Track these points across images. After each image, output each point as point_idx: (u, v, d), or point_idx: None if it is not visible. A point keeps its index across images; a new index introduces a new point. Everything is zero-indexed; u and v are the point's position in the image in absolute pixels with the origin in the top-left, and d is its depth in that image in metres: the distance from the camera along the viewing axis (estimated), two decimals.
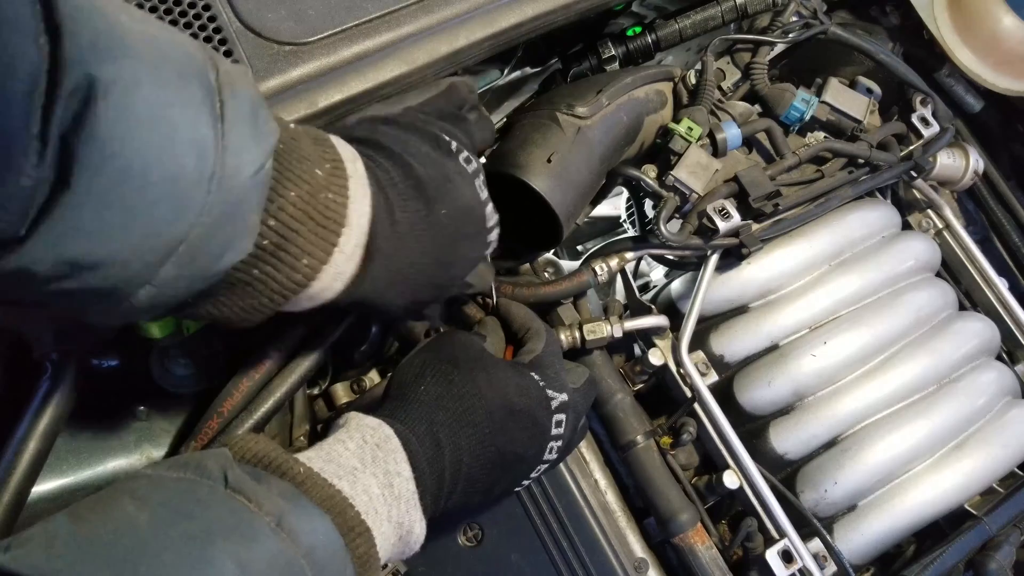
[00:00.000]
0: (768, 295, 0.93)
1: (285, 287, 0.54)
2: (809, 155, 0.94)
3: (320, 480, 0.53)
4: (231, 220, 0.49)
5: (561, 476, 0.79)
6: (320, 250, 0.54)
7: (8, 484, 0.65)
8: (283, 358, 0.74)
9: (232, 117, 0.47)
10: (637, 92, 0.87)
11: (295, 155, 0.54)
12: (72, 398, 0.69)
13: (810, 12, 1.02)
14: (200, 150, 0.45)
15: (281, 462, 0.52)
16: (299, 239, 0.53)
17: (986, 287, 1.05)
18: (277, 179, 0.52)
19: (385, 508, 0.56)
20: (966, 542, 0.89)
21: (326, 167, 0.55)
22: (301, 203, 0.53)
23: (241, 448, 0.53)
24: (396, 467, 0.58)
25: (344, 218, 0.55)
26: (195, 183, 0.46)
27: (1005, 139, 1.24)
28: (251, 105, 0.50)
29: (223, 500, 0.46)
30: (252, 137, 0.49)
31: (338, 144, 0.58)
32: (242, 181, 0.48)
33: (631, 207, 1.40)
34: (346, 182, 0.56)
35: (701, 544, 0.82)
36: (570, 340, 0.84)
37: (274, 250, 0.53)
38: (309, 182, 0.53)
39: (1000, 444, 0.90)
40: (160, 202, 0.44)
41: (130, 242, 0.44)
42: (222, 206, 0.47)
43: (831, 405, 0.89)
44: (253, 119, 0.50)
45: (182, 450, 0.72)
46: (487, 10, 0.77)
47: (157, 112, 0.43)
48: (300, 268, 0.54)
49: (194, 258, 0.48)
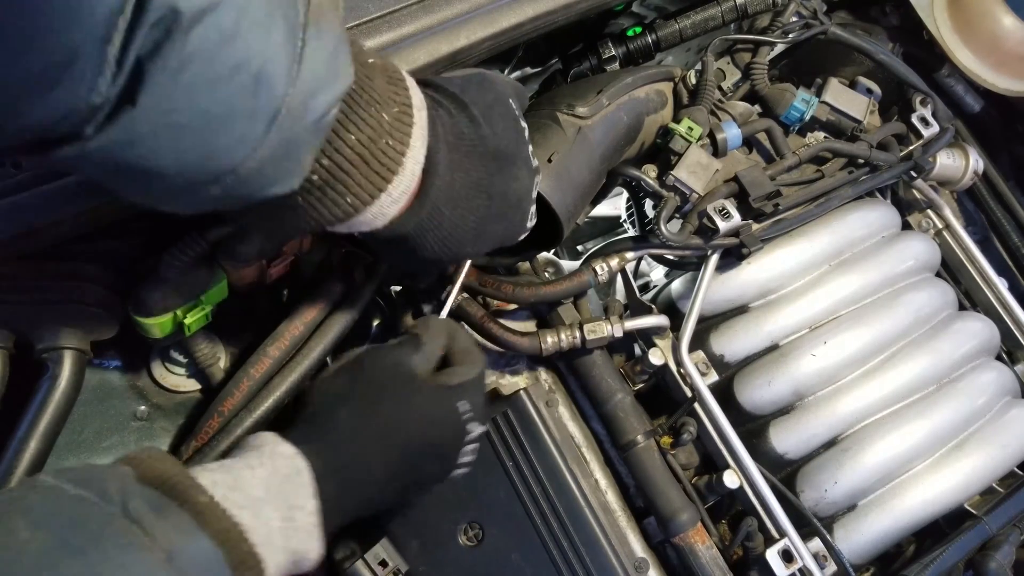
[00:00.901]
0: (768, 295, 0.93)
1: (324, 218, 0.56)
2: (809, 155, 0.94)
3: (219, 512, 0.52)
4: (286, 158, 0.49)
5: (561, 476, 0.79)
6: (367, 192, 0.55)
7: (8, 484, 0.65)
8: (283, 357, 0.74)
9: (310, 57, 0.47)
10: (637, 92, 0.87)
11: (366, 97, 0.54)
12: (72, 398, 0.69)
13: (810, 12, 1.02)
14: (269, 89, 0.45)
15: (184, 488, 0.51)
16: (347, 179, 0.54)
17: (986, 287, 1.05)
18: (340, 121, 0.52)
19: (282, 540, 0.56)
20: (966, 542, 0.89)
21: (394, 111, 0.56)
22: (359, 147, 0.54)
23: (147, 468, 0.52)
24: (301, 501, 0.58)
25: (399, 165, 0.56)
26: (257, 119, 0.46)
27: (1005, 139, 1.25)
28: (333, 45, 0.49)
29: (118, 532, 0.45)
30: (325, 80, 0.49)
31: (411, 88, 0.58)
32: (305, 124, 0.48)
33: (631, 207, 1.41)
34: (410, 129, 0.56)
35: (701, 544, 0.82)
36: (570, 340, 0.84)
37: (322, 185, 0.54)
38: (373, 127, 0.54)
39: (1000, 444, 0.90)
40: (218, 132, 0.45)
41: (182, 163, 0.45)
42: (279, 144, 0.47)
43: (831, 405, 0.89)
44: (331, 61, 0.49)
45: (182, 450, 0.72)
46: (488, 10, 0.77)
47: (235, 47, 0.43)
48: (342, 205, 0.55)
49: (242, 185, 0.48)
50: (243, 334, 0.82)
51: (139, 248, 0.72)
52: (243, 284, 0.73)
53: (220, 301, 0.72)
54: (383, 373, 0.66)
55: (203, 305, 0.70)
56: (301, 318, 0.75)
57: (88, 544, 0.44)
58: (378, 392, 0.65)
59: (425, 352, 0.69)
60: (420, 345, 0.69)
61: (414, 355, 0.68)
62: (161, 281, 0.67)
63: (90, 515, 0.46)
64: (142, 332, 0.70)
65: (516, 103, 0.68)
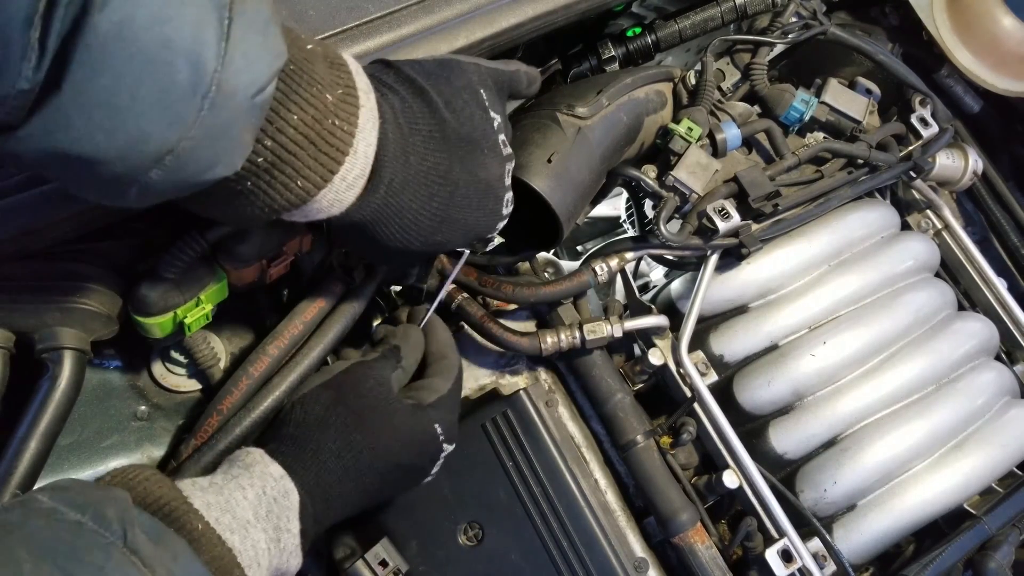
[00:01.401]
0: (768, 295, 0.93)
1: (277, 203, 0.55)
2: (809, 155, 0.94)
3: (214, 537, 0.55)
4: (223, 137, 0.48)
5: (561, 476, 0.79)
6: (317, 175, 0.55)
7: (8, 484, 0.65)
8: (282, 356, 0.74)
9: (238, 35, 0.46)
10: (637, 92, 0.87)
11: (306, 78, 0.53)
12: (72, 398, 0.69)
13: (809, 13, 1.02)
14: (197, 66, 0.45)
15: (180, 514, 0.54)
16: (296, 161, 0.53)
17: (985, 287, 1.05)
18: (280, 100, 0.52)
19: (267, 560, 0.58)
20: (965, 541, 0.89)
21: (337, 92, 0.55)
22: (304, 127, 0.53)
23: (144, 492, 0.54)
24: (287, 524, 0.61)
25: (349, 147, 0.55)
26: (188, 98, 0.45)
27: (1004, 139, 1.25)
28: (262, 23, 0.49)
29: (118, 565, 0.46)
30: (256, 58, 0.48)
31: (355, 72, 0.58)
32: (239, 101, 0.48)
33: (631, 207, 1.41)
34: (357, 111, 0.56)
35: (701, 543, 0.82)
36: (570, 340, 0.84)
37: (269, 168, 0.53)
38: (315, 107, 0.53)
39: (999, 444, 0.90)
40: (149, 112, 0.44)
41: (116, 145, 0.45)
42: (214, 123, 0.47)
43: (830, 405, 0.89)
44: (261, 38, 0.49)
45: (182, 448, 0.72)
46: (487, 10, 0.77)
47: (157, 24, 0.42)
48: (294, 189, 0.54)
49: (182, 167, 0.48)
50: (243, 334, 0.82)
51: (139, 248, 0.72)
52: (243, 284, 0.73)
53: (220, 301, 0.72)
54: (365, 395, 0.68)
55: (203, 305, 0.70)
56: (301, 318, 0.75)
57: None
58: (359, 416, 0.67)
59: (404, 367, 0.72)
60: (399, 360, 0.72)
61: (393, 372, 0.71)
62: (161, 281, 0.67)
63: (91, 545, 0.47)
64: (142, 332, 0.70)
65: (488, 91, 0.67)
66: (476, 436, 0.80)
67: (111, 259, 0.71)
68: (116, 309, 0.71)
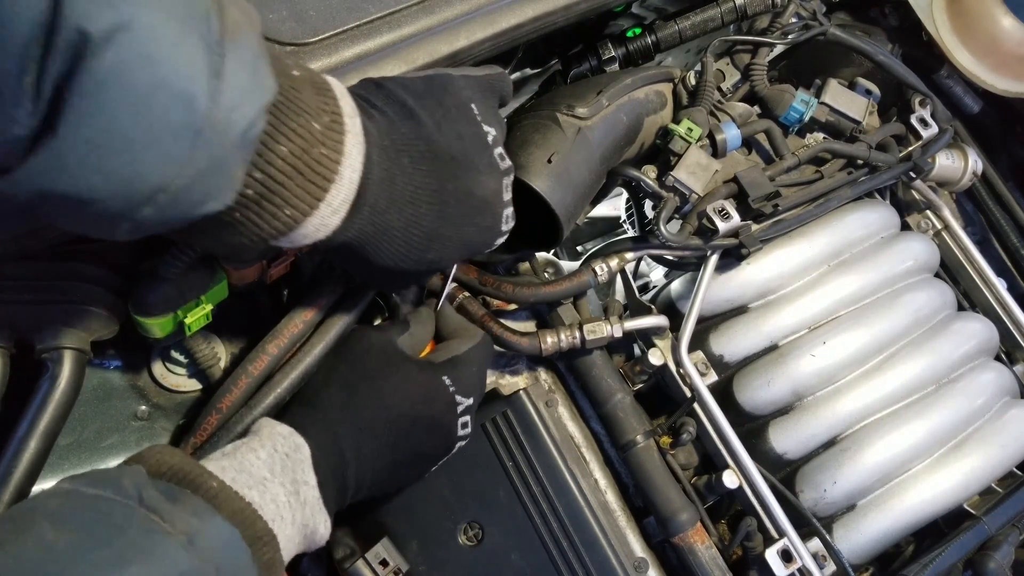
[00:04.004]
0: (767, 295, 0.93)
1: (264, 232, 0.55)
2: (808, 156, 0.95)
3: (231, 493, 0.55)
4: (215, 173, 0.49)
5: (561, 476, 0.79)
6: (304, 203, 0.55)
7: (9, 483, 0.65)
8: (282, 355, 0.74)
9: (229, 73, 0.47)
10: (637, 93, 0.87)
11: (293, 108, 0.53)
12: (72, 398, 0.69)
13: (809, 13, 1.03)
14: (189, 106, 0.45)
15: (195, 476, 0.54)
16: (284, 192, 0.53)
17: (984, 287, 1.06)
18: (270, 133, 0.52)
19: (291, 513, 0.59)
20: (965, 542, 0.89)
21: (324, 120, 0.55)
22: (292, 158, 0.53)
23: (157, 463, 0.55)
24: (303, 476, 0.61)
25: (335, 173, 0.55)
26: (180, 137, 0.46)
27: (1004, 140, 1.25)
28: (252, 59, 0.49)
29: (138, 522, 0.48)
30: (247, 93, 0.48)
31: (340, 96, 0.58)
32: (230, 138, 0.48)
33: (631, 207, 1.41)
34: (343, 137, 0.56)
35: (701, 543, 0.82)
36: (570, 340, 0.84)
37: (257, 199, 0.53)
38: (303, 136, 0.53)
39: (999, 444, 0.91)
40: (143, 153, 0.45)
41: (110, 187, 0.45)
42: (206, 160, 0.47)
43: (830, 405, 0.89)
44: (251, 75, 0.49)
45: (182, 446, 0.72)
46: (487, 11, 0.77)
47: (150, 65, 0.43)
48: (281, 218, 0.54)
49: (174, 204, 0.48)
50: (243, 334, 0.82)
51: (139, 248, 0.72)
52: (243, 284, 0.73)
53: (220, 301, 0.72)
54: (368, 351, 0.69)
55: (203, 305, 0.70)
56: (301, 317, 0.75)
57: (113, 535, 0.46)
58: (363, 369, 0.68)
59: (412, 334, 0.73)
60: (406, 327, 0.73)
61: (399, 336, 0.72)
62: (162, 281, 0.67)
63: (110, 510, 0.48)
64: (142, 332, 0.70)
65: (479, 104, 0.67)
66: (476, 436, 0.80)
67: (111, 259, 0.72)
68: (116, 309, 0.71)
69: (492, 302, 0.87)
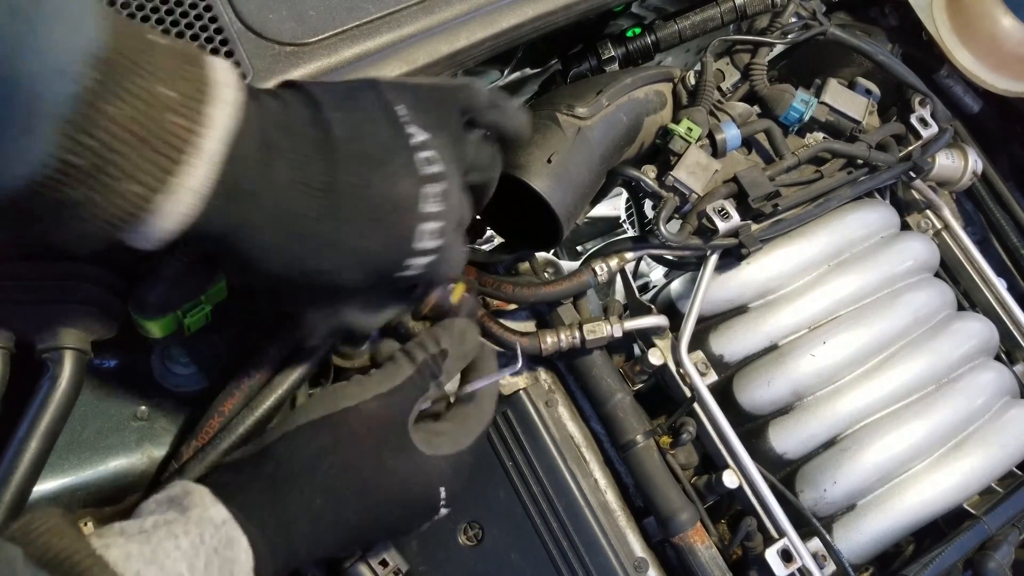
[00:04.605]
0: (767, 295, 0.93)
1: (109, 213, 0.48)
2: (808, 156, 0.95)
3: None
4: (16, 126, 0.43)
5: (561, 476, 0.79)
6: (152, 177, 0.47)
7: (9, 484, 0.65)
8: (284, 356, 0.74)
9: (40, 13, 0.42)
10: (637, 93, 0.87)
11: (131, 67, 0.47)
12: (72, 398, 0.69)
13: (809, 13, 1.03)
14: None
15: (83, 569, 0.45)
16: (122, 161, 0.47)
17: (984, 287, 1.06)
18: (97, 91, 0.45)
19: None
20: (965, 541, 0.89)
21: (179, 85, 0.48)
22: (129, 122, 0.46)
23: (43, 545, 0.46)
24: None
25: (191, 146, 0.48)
26: None
27: (1004, 140, 1.25)
28: (75, 7, 0.44)
29: None
30: (61, 39, 0.43)
31: (215, 68, 0.51)
32: (32, 88, 0.43)
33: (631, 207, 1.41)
34: (204, 108, 0.49)
35: (701, 543, 0.82)
36: (570, 340, 0.84)
37: (93, 171, 0.46)
38: (144, 99, 0.47)
39: (999, 444, 0.91)
40: None
41: None
42: (6, 112, 0.42)
43: (830, 405, 0.89)
44: (70, 23, 0.44)
45: (183, 449, 0.72)
46: (487, 11, 0.77)
47: None
48: (126, 194, 0.47)
49: None
50: (243, 334, 0.82)
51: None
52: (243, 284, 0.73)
53: (220, 301, 0.72)
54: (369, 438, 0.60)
55: (203, 305, 0.70)
56: None
57: None
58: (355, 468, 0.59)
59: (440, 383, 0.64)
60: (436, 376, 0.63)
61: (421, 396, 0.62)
62: (161, 281, 0.67)
63: None
64: (142, 332, 0.70)
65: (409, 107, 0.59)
66: None
67: (111, 259, 0.72)
68: (116, 309, 0.71)
69: (492, 302, 0.87)
